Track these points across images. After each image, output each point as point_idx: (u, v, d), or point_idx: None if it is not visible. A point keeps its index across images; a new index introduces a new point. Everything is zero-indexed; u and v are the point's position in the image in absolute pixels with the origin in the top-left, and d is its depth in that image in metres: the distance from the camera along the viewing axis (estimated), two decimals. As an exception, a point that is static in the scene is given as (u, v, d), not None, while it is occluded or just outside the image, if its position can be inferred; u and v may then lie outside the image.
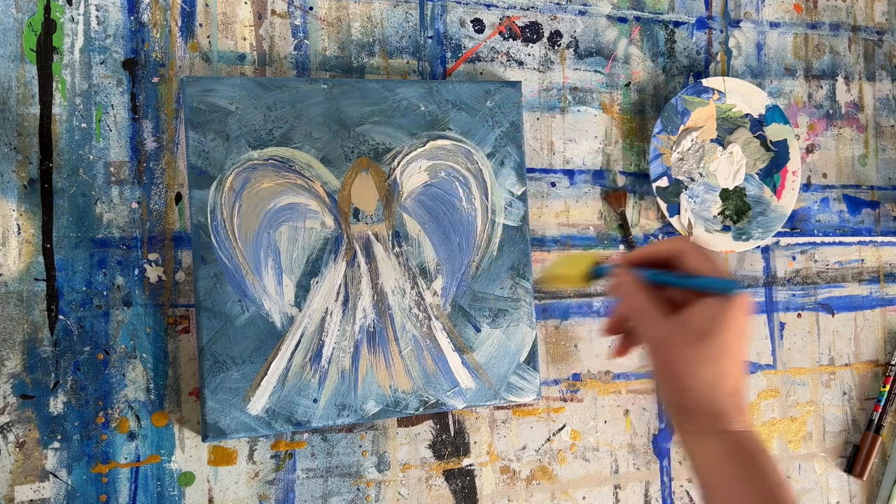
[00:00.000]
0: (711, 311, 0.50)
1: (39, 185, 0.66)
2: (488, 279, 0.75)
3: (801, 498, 0.88)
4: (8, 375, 0.65)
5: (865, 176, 0.94)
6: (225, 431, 0.67)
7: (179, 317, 0.69)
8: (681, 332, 0.50)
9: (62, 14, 0.68)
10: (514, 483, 0.78)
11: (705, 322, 0.50)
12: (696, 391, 0.51)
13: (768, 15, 0.91)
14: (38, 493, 0.65)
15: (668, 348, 0.51)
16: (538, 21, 0.82)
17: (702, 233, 0.84)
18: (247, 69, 0.73)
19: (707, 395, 0.51)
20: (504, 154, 0.76)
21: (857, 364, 0.92)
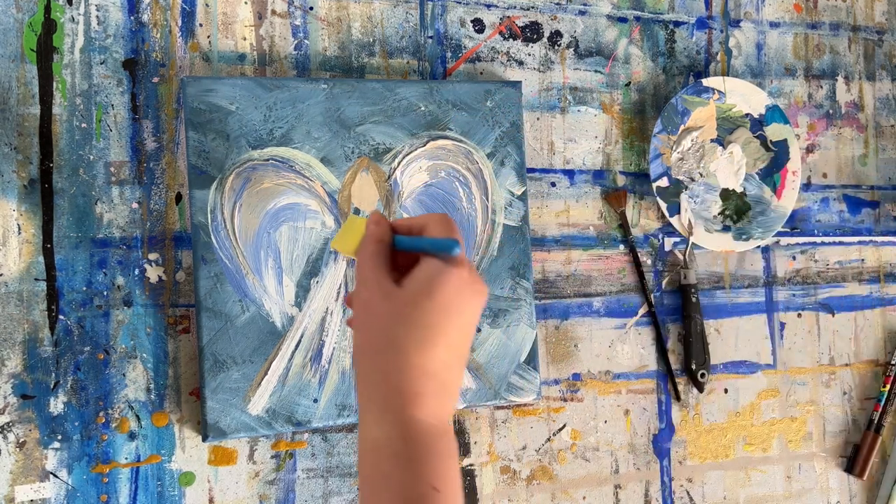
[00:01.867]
0: (426, 275, 0.44)
1: (40, 185, 0.66)
2: (489, 279, 0.75)
3: (802, 498, 0.88)
4: (8, 375, 0.65)
5: (865, 176, 0.94)
6: (225, 431, 0.67)
7: (180, 317, 0.69)
8: (388, 296, 0.45)
9: (62, 14, 0.68)
10: (515, 483, 0.78)
11: (417, 286, 0.44)
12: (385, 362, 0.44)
13: (768, 15, 0.91)
14: (39, 493, 0.65)
15: (368, 309, 0.45)
16: (538, 21, 0.82)
17: (702, 233, 0.84)
18: (247, 69, 0.73)
19: (395, 368, 0.44)
20: (504, 154, 0.76)
21: (857, 364, 0.92)
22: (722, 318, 0.87)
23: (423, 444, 0.44)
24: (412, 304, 0.44)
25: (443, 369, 0.45)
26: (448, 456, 0.44)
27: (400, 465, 0.43)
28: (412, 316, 0.44)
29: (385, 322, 0.45)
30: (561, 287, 0.81)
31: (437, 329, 0.44)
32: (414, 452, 0.43)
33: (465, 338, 0.46)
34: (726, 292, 0.87)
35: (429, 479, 0.43)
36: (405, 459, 0.43)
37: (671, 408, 0.84)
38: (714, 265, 0.87)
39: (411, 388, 0.44)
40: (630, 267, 0.83)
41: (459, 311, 0.45)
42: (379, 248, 0.48)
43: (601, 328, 0.82)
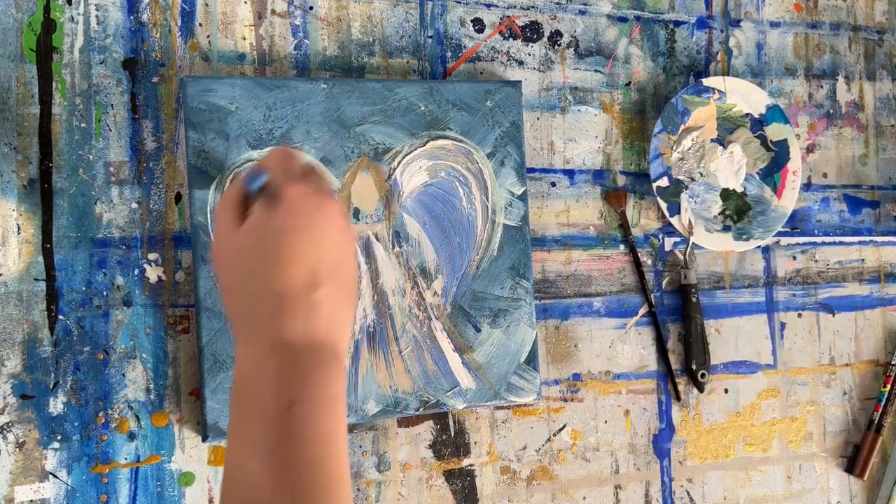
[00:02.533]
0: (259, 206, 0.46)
1: (39, 185, 0.66)
2: (488, 279, 0.75)
3: (802, 498, 0.88)
4: (8, 375, 0.65)
5: (866, 175, 0.94)
6: (225, 431, 0.66)
7: (179, 317, 0.69)
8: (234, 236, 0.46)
9: (62, 14, 0.68)
10: (515, 483, 0.78)
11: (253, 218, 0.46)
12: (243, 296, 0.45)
13: (769, 14, 0.91)
14: (38, 493, 0.65)
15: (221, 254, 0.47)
16: (538, 21, 0.82)
17: (702, 233, 0.84)
18: (247, 69, 0.73)
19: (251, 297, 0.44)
20: (504, 154, 0.76)
21: (857, 364, 0.92)
22: (722, 318, 0.87)
23: (284, 361, 0.43)
24: (253, 232, 0.45)
25: (305, 290, 0.44)
26: (314, 369, 0.43)
27: (261, 383, 0.42)
28: (255, 246, 0.45)
29: (237, 261, 0.46)
30: (561, 287, 0.81)
31: (282, 249, 0.44)
32: (275, 370, 0.42)
33: (325, 253, 0.45)
34: (726, 292, 0.87)
35: (284, 394, 0.41)
36: (266, 378, 0.42)
37: (671, 408, 0.84)
38: (714, 265, 0.87)
39: (272, 311, 0.44)
40: (630, 267, 0.83)
41: (297, 228, 0.45)
42: (224, 202, 0.49)
43: (601, 328, 0.82)
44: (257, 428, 0.41)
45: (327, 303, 0.45)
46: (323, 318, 0.45)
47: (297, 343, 0.43)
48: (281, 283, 0.44)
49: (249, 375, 0.43)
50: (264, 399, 0.42)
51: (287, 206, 0.45)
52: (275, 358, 0.43)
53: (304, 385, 0.42)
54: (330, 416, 0.42)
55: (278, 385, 0.42)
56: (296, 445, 0.40)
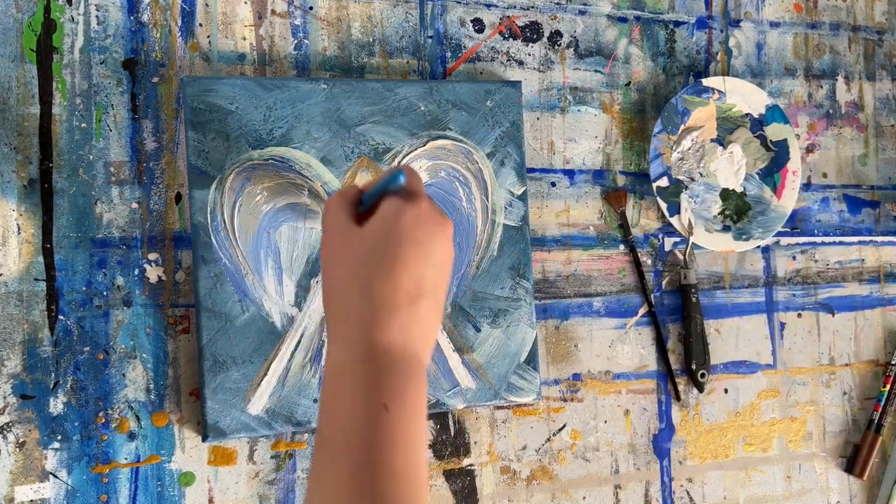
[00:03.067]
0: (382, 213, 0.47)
1: (39, 185, 0.66)
2: (488, 279, 0.75)
3: (802, 498, 0.88)
4: (8, 375, 0.65)
5: (866, 175, 0.94)
6: (225, 432, 0.66)
7: (179, 317, 0.69)
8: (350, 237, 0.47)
9: (62, 14, 0.68)
10: (515, 483, 0.78)
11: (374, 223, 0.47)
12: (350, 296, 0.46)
13: (768, 14, 0.91)
14: (38, 493, 0.65)
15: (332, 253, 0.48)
16: (538, 21, 0.82)
17: (702, 233, 0.84)
18: (247, 69, 0.73)
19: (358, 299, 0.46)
20: (504, 154, 0.76)
21: (857, 364, 0.92)
22: (722, 318, 0.87)
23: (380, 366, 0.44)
24: (371, 239, 0.47)
25: (407, 301, 0.46)
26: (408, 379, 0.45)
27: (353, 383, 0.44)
28: (372, 250, 0.46)
29: (348, 261, 0.47)
30: (561, 287, 0.81)
31: (396, 260, 0.46)
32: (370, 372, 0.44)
33: (431, 270, 0.47)
34: (726, 292, 0.87)
35: (379, 398, 0.43)
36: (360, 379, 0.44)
37: (671, 408, 0.84)
38: (714, 265, 0.87)
39: (373, 315, 0.45)
40: (630, 267, 0.83)
41: (417, 242, 0.47)
42: (341, 199, 0.51)
43: (601, 328, 0.82)
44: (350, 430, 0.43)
45: (424, 316, 0.47)
46: (418, 330, 0.47)
47: (392, 350, 0.45)
48: (389, 288, 0.46)
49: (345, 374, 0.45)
50: (358, 400, 0.43)
51: (415, 218, 0.47)
52: (371, 361, 0.44)
53: (398, 392, 0.44)
54: (417, 426, 0.44)
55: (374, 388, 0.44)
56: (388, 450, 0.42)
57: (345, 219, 0.49)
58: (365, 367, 0.44)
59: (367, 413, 0.43)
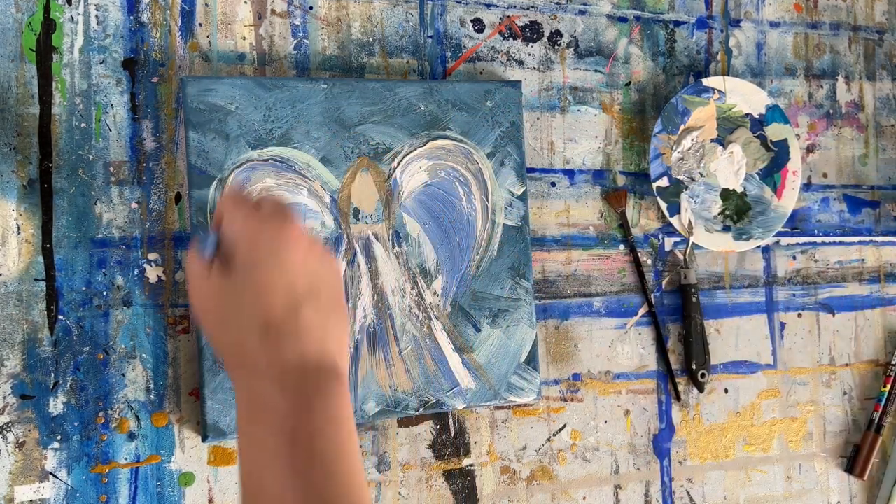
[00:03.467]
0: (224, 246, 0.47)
1: (39, 185, 0.66)
2: (488, 279, 0.75)
3: (802, 498, 0.88)
4: (8, 375, 0.65)
5: (866, 175, 0.94)
6: (225, 432, 0.66)
7: (179, 317, 0.69)
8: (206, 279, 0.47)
9: (62, 14, 0.68)
10: (515, 483, 0.78)
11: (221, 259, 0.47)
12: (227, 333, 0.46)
13: (768, 14, 0.91)
14: (38, 493, 0.65)
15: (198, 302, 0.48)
16: (538, 21, 0.82)
17: (702, 233, 0.84)
18: (247, 69, 0.73)
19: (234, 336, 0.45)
20: (504, 154, 0.76)
21: (857, 364, 0.92)
22: (722, 318, 0.87)
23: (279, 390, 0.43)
24: (221, 275, 0.46)
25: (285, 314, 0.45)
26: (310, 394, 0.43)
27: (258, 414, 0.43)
28: (227, 283, 0.46)
29: (215, 302, 0.47)
30: (561, 287, 0.81)
31: (256, 282, 0.45)
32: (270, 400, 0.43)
33: (296, 277, 0.46)
34: (726, 292, 0.87)
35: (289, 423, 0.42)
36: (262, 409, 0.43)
37: (671, 408, 0.84)
38: (714, 265, 0.87)
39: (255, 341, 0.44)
40: (630, 267, 0.83)
41: (264, 257, 0.46)
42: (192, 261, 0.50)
43: (601, 328, 0.82)
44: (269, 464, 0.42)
45: (313, 323, 0.46)
46: (312, 338, 0.46)
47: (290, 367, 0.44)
48: (262, 311, 0.45)
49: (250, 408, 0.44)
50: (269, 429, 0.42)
51: (246, 244, 0.46)
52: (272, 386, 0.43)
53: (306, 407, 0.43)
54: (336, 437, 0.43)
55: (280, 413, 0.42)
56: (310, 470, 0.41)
57: (200, 272, 0.48)
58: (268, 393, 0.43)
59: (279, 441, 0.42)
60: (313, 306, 0.46)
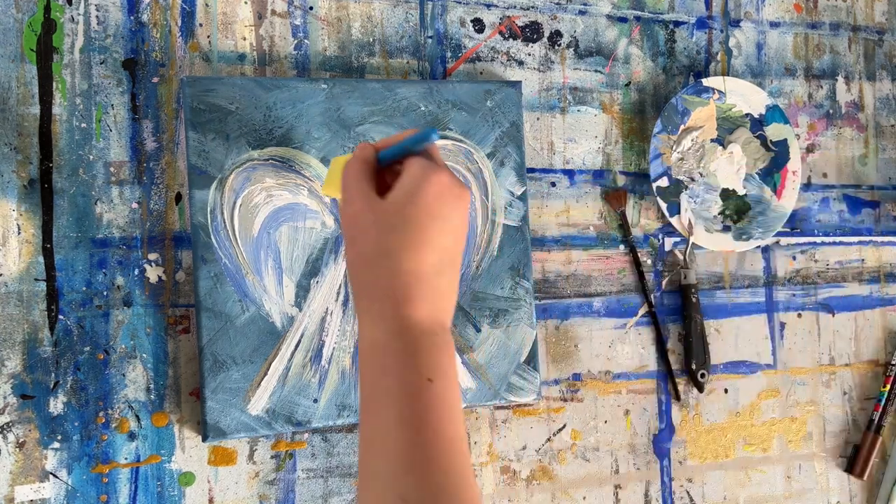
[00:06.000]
0: (407, 183, 0.47)
1: (39, 185, 0.66)
2: (488, 279, 0.75)
3: (802, 498, 0.88)
4: (8, 375, 0.65)
5: (866, 176, 0.94)
6: (225, 432, 0.67)
7: (179, 317, 0.69)
8: (374, 207, 0.47)
9: (62, 14, 0.68)
10: (515, 483, 0.78)
11: (399, 195, 0.47)
12: (378, 268, 0.46)
13: (768, 15, 0.91)
14: (38, 493, 0.65)
15: (356, 222, 0.48)
16: (538, 21, 0.82)
17: (702, 233, 0.84)
18: (247, 69, 0.73)
19: (387, 273, 0.46)
20: (504, 154, 0.76)
21: (857, 364, 0.92)
22: (722, 318, 0.87)
23: (416, 341, 0.45)
24: (396, 212, 0.47)
25: (433, 274, 0.47)
26: (442, 351, 0.46)
27: (395, 359, 0.45)
28: (398, 223, 0.47)
29: (373, 232, 0.47)
30: (561, 287, 0.81)
31: (422, 233, 0.46)
32: (409, 348, 0.45)
33: (453, 242, 0.48)
34: (726, 292, 0.87)
35: (423, 371, 0.44)
36: (401, 354, 0.45)
37: (671, 408, 0.84)
38: (714, 265, 0.87)
39: (403, 291, 0.46)
40: (630, 267, 0.83)
41: (442, 216, 0.47)
42: (362, 166, 0.50)
43: (601, 328, 0.82)
44: (396, 402, 0.44)
45: (447, 287, 0.48)
46: (444, 301, 0.48)
47: (425, 323, 0.46)
48: (415, 262, 0.46)
49: (381, 351, 0.46)
50: (405, 373, 0.44)
51: (438, 189, 0.47)
52: (408, 336, 0.45)
53: (438, 363, 0.45)
54: (458, 393, 0.46)
55: (417, 362, 0.45)
56: (440, 418, 0.43)
57: (367, 187, 0.49)
58: (402, 343, 0.45)
59: (415, 387, 0.44)
60: (452, 272, 0.49)
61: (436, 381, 0.44)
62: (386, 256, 0.46)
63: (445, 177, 0.48)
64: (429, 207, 0.47)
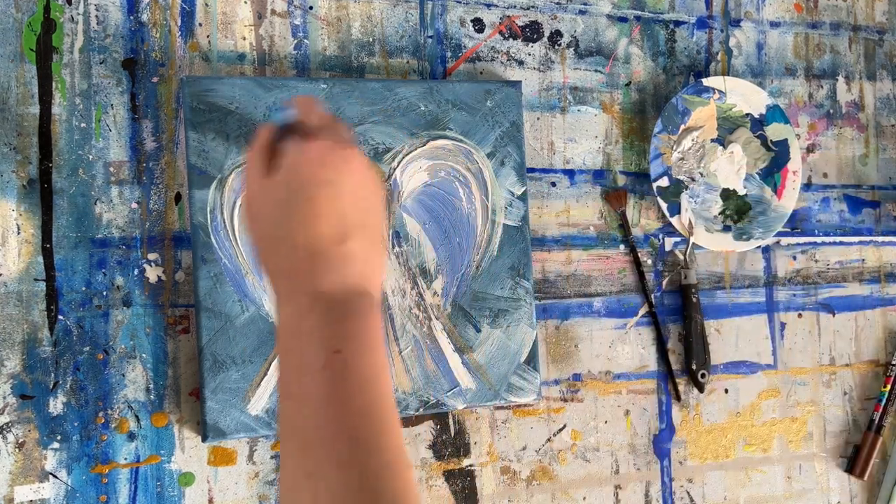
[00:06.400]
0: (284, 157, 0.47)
1: (39, 185, 0.66)
2: (488, 279, 0.75)
3: (802, 498, 0.88)
4: (8, 375, 0.65)
5: (866, 175, 0.94)
6: (225, 432, 0.66)
7: (179, 317, 0.69)
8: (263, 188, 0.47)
9: (62, 14, 0.68)
10: (515, 483, 0.78)
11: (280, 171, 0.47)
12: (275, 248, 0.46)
13: (769, 14, 0.91)
14: (38, 493, 0.65)
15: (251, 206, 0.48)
16: (538, 20, 0.82)
17: (702, 233, 0.84)
18: (246, 69, 0.73)
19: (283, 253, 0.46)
20: (504, 154, 0.76)
21: (857, 364, 0.92)
22: (722, 318, 0.86)
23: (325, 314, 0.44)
24: (281, 189, 0.46)
25: (336, 242, 0.46)
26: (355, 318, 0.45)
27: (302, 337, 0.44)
28: (284, 201, 0.46)
29: (266, 214, 0.47)
30: (561, 287, 0.81)
31: (312, 204, 0.46)
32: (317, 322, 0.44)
33: (352, 204, 0.47)
34: (727, 292, 0.87)
35: (329, 343, 0.43)
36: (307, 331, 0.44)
37: (671, 408, 0.84)
38: (714, 265, 0.87)
39: (304, 266, 0.45)
40: (630, 267, 0.83)
41: (325, 182, 0.46)
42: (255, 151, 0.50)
43: (601, 328, 0.82)
44: (308, 378, 0.43)
45: (358, 253, 0.47)
46: (356, 268, 0.47)
47: (334, 294, 0.45)
48: (313, 237, 0.45)
49: (294, 331, 0.45)
50: (311, 350, 0.43)
51: (314, 158, 0.46)
52: (315, 311, 0.44)
53: (347, 332, 0.44)
54: (374, 361, 0.44)
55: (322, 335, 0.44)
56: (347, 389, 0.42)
57: (259, 169, 0.48)
58: (311, 318, 0.44)
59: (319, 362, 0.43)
60: (361, 236, 0.47)
61: (344, 351, 0.43)
62: (282, 236, 0.46)
63: (323, 142, 0.47)
64: (309, 177, 0.46)
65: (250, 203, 0.49)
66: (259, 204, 0.48)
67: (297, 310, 0.45)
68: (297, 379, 0.44)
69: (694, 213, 0.84)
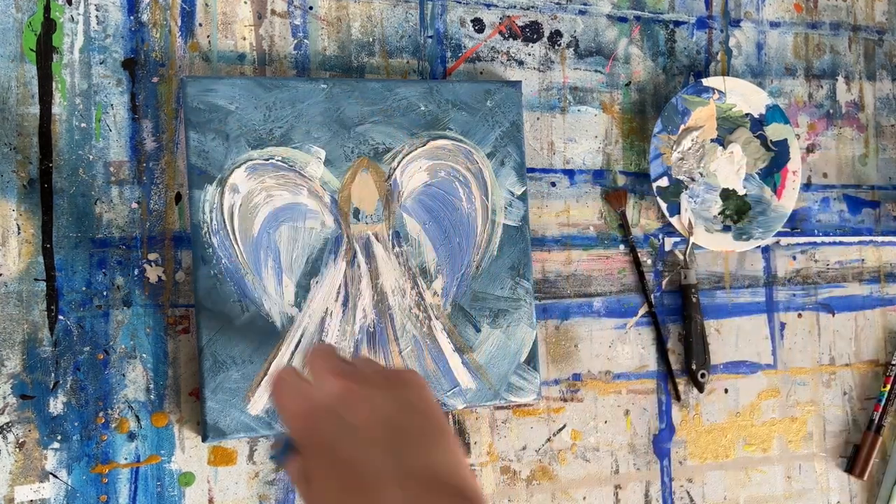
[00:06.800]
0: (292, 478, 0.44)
1: (39, 185, 0.66)
2: (488, 279, 0.75)
3: (802, 498, 0.88)
4: (8, 375, 0.65)
5: (866, 176, 0.94)
6: (225, 432, 0.66)
7: (179, 317, 0.69)
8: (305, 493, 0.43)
9: (62, 14, 0.68)
10: (515, 483, 0.78)
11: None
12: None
13: (768, 14, 0.91)
14: (38, 493, 0.65)
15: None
16: (538, 21, 0.82)
17: (702, 233, 0.84)
18: (247, 69, 0.73)
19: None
20: (504, 154, 0.76)
21: (857, 364, 0.92)
22: (722, 318, 0.87)
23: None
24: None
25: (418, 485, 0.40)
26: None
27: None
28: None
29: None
30: (561, 287, 0.81)
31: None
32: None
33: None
34: (726, 292, 0.87)
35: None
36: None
37: (671, 408, 0.84)
38: (714, 265, 0.87)
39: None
40: (630, 267, 0.83)
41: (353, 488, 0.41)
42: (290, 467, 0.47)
43: (601, 328, 0.82)
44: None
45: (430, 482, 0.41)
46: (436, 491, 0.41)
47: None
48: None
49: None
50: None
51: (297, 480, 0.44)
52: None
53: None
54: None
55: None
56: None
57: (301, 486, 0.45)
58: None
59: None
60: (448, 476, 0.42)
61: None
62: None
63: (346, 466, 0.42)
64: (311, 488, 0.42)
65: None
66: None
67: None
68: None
69: (694, 213, 0.84)
